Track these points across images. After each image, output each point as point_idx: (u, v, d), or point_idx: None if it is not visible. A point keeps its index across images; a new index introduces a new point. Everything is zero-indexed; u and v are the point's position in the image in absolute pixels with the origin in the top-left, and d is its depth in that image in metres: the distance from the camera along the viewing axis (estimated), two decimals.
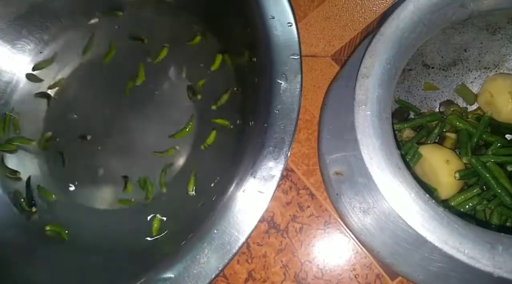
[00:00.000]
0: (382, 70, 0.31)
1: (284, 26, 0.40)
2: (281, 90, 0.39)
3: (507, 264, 0.25)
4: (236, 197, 0.37)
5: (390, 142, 0.29)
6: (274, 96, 0.39)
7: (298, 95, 0.38)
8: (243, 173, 0.38)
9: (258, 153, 0.37)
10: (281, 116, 0.38)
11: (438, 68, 0.48)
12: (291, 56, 0.40)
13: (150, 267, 0.37)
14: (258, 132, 0.39)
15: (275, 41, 0.40)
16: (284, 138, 0.38)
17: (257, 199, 0.36)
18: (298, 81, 0.39)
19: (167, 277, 0.35)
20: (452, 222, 0.26)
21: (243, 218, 0.36)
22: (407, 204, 0.27)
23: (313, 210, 0.50)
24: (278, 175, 0.37)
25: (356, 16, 0.55)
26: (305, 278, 0.48)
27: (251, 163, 0.37)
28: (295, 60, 0.39)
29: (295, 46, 0.40)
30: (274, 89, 0.39)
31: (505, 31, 0.44)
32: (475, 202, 0.38)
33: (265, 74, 0.40)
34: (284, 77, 0.39)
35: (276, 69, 0.39)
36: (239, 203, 0.36)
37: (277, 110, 0.38)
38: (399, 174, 0.28)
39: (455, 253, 0.25)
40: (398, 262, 0.34)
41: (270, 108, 0.38)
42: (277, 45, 0.40)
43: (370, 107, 0.30)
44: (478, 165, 0.39)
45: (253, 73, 0.43)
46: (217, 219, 0.37)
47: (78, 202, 0.48)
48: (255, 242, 0.49)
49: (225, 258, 0.36)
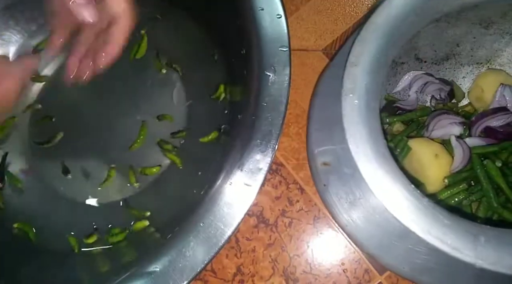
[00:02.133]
0: (371, 59, 0.31)
1: (273, 18, 0.40)
2: (269, 83, 0.38)
3: (489, 256, 0.24)
4: (223, 190, 0.36)
5: (377, 132, 0.29)
6: (262, 89, 0.38)
7: (287, 88, 0.38)
8: (230, 166, 0.37)
9: (245, 146, 0.37)
10: (269, 109, 0.38)
11: (431, 62, 0.48)
12: (280, 48, 0.39)
13: (135, 261, 0.37)
14: (245, 124, 0.38)
15: (264, 33, 0.39)
16: (272, 131, 0.37)
17: (244, 192, 0.36)
18: (286, 74, 0.38)
19: (152, 271, 0.35)
20: (437, 213, 0.26)
21: (229, 211, 0.36)
22: (391, 193, 0.27)
23: (303, 204, 0.49)
24: (265, 168, 0.36)
25: (348, 10, 0.54)
26: (294, 273, 0.48)
27: (238, 156, 0.37)
28: (284, 52, 0.39)
29: (284, 38, 0.39)
30: (263, 82, 0.38)
31: (498, 25, 0.44)
32: (462, 197, 0.38)
33: (254, 66, 0.39)
34: (273, 69, 0.39)
35: (265, 61, 0.39)
36: (225, 196, 0.36)
37: (265, 103, 0.38)
38: (385, 164, 0.28)
39: (438, 243, 0.25)
40: (384, 254, 0.33)
41: (258, 101, 0.38)
42: (266, 37, 0.39)
43: (358, 96, 0.30)
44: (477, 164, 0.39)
45: (242, 65, 0.43)
46: (203, 212, 0.36)
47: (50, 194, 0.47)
48: (244, 237, 0.49)
49: (211, 252, 0.35)
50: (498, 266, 0.24)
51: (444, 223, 0.25)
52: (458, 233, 0.25)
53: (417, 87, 0.47)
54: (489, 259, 0.24)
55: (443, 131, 0.42)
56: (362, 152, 0.28)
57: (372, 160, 0.28)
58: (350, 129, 0.29)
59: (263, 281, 0.48)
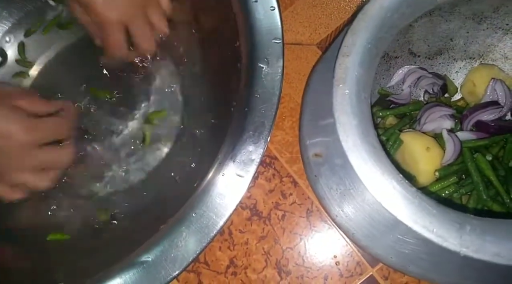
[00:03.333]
0: (363, 49, 0.31)
1: (267, 10, 0.40)
2: (262, 75, 0.39)
3: (473, 244, 0.25)
4: (215, 181, 0.36)
5: (367, 122, 0.29)
6: (255, 80, 0.38)
7: (280, 80, 0.38)
8: (223, 157, 0.37)
9: (238, 137, 0.37)
10: (262, 101, 0.38)
11: (424, 56, 0.48)
12: (273, 40, 0.39)
13: (127, 250, 0.37)
14: (238, 116, 0.39)
15: (258, 25, 0.40)
16: (265, 122, 0.37)
17: (236, 183, 0.36)
18: (279, 66, 0.39)
19: (144, 260, 0.35)
20: (423, 202, 0.26)
21: (222, 202, 0.36)
22: (380, 183, 0.27)
23: (296, 197, 0.49)
24: (258, 159, 0.37)
25: (343, 4, 0.54)
26: (286, 265, 0.48)
27: (231, 147, 0.37)
28: (277, 44, 0.39)
29: (277, 30, 0.39)
30: (256, 73, 0.39)
31: (491, 20, 0.44)
32: (452, 190, 0.39)
33: (247, 58, 0.40)
34: (266, 61, 0.39)
35: (258, 53, 0.39)
36: (218, 187, 0.36)
37: (258, 95, 0.38)
38: (374, 153, 0.28)
39: (424, 231, 0.25)
40: (372, 244, 0.34)
41: (251, 93, 0.38)
42: (259, 29, 0.40)
43: (349, 86, 0.30)
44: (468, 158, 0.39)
45: (235, 57, 0.43)
46: (196, 202, 0.36)
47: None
48: (237, 229, 0.49)
49: (203, 242, 0.35)
50: (481, 254, 0.24)
51: (431, 212, 0.26)
52: (444, 222, 0.25)
53: (411, 82, 0.48)
54: (474, 246, 0.24)
55: (435, 124, 0.42)
56: (352, 141, 0.28)
57: (361, 150, 0.28)
58: (340, 118, 0.29)
59: (256, 274, 0.48)
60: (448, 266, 0.31)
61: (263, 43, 0.39)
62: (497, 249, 0.25)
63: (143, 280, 0.34)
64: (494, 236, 0.25)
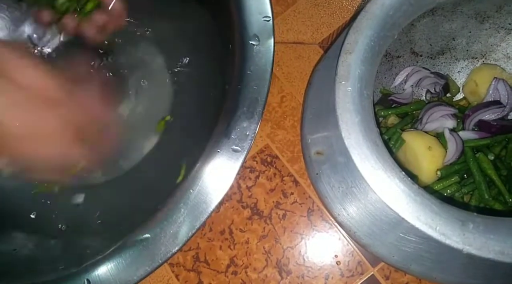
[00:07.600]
0: (365, 47, 0.31)
1: None
2: (254, 52, 0.39)
3: (476, 241, 0.25)
4: (211, 157, 0.37)
5: (369, 119, 0.29)
6: (247, 58, 0.39)
7: (271, 56, 0.39)
8: (218, 135, 0.38)
9: (232, 114, 0.38)
10: (254, 77, 0.38)
11: (426, 56, 0.48)
12: (263, 19, 0.40)
13: (126, 229, 0.37)
14: (232, 94, 0.39)
15: (248, 3, 0.40)
16: (258, 98, 0.38)
17: (232, 158, 0.36)
18: (270, 43, 0.39)
19: (144, 238, 0.35)
20: (426, 199, 0.26)
21: (218, 177, 0.36)
22: (382, 180, 0.27)
23: (297, 197, 0.49)
24: (252, 134, 0.37)
25: (345, 3, 0.54)
26: (287, 265, 0.48)
27: (225, 124, 0.38)
28: (267, 22, 0.40)
29: (266, 8, 0.40)
30: (247, 51, 0.39)
31: (493, 20, 0.44)
32: (454, 189, 0.38)
33: (238, 37, 0.40)
34: (257, 39, 0.39)
35: (249, 31, 0.39)
36: (214, 162, 0.36)
37: (250, 71, 0.38)
38: (377, 151, 0.28)
39: (427, 229, 0.25)
40: (374, 243, 0.33)
41: (243, 70, 0.38)
42: (249, 7, 0.40)
43: (352, 83, 0.30)
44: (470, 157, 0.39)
45: (227, 36, 0.43)
46: (193, 179, 0.36)
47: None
48: (238, 229, 0.49)
49: (201, 217, 0.35)
50: (484, 252, 0.24)
51: (433, 210, 0.26)
52: (446, 219, 0.25)
53: (413, 81, 0.48)
54: (476, 244, 0.24)
55: (437, 124, 0.42)
56: (354, 139, 0.28)
57: (363, 147, 0.28)
58: (343, 115, 0.29)
59: (256, 273, 0.48)
60: (451, 265, 0.31)
61: (253, 21, 0.40)
62: (500, 247, 0.25)
63: (143, 257, 0.35)
64: (497, 234, 0.25)
